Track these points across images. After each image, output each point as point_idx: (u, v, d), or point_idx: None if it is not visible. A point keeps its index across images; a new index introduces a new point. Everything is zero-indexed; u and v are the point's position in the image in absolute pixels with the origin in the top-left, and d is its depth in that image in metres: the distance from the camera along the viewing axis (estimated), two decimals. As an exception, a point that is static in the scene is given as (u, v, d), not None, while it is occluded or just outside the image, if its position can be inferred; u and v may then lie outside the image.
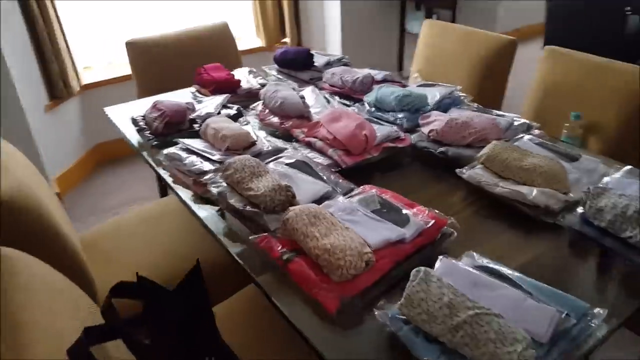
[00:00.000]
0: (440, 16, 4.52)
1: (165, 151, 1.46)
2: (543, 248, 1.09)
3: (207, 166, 1.35)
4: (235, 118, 1.64)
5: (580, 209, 1.13)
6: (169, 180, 1.40)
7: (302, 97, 1.70)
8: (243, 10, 3.71)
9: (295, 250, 1.04)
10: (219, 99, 1.74)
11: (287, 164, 1.33)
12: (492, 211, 1.22)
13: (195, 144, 1.45)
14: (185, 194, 1.33)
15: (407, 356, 0.82)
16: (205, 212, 1.25)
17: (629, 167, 1.24)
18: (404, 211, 1.11)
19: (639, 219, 1.01)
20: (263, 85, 1.95)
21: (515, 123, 1.51)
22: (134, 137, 1.67)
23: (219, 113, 1.65)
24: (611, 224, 1.04)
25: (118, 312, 0.77)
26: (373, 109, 1.71)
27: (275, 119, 1.65)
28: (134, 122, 1.71)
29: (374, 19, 3.68)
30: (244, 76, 2.03)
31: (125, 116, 1.80)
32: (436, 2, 3.98)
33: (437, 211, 1.11)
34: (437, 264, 0.95)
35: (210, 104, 1.71)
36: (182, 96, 1.93)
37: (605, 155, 1.46)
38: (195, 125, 1.59)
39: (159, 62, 2.40)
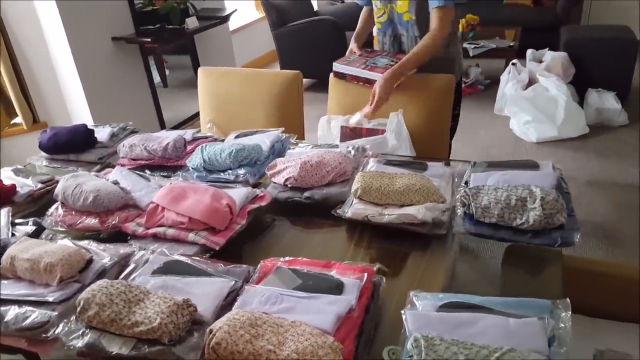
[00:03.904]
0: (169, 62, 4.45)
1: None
2: (452, 260, 1.11)
3: (41, 315, 0.95)
4: (36, 235, 1.22)
5: (459, 213, 1.19)
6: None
7: (117, 183, 1.38)
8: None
9: (241, 376, 0.80)
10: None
11: (156, 273, 1.04)
12: (384, 240, 1.20)
13: (6, 289, 1.01)
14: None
15: None
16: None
17: (472, 162, 1.37)
18: (330, 275, 0.98)
19: (523, 205, 1.10)
20: (45, 182, 1.53)
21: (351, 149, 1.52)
22: None
23: (13, 235, 1.19)
24: (501, 217, 1.11)
25: None
26: (203, 172, 1.50)
27: (93, 220, 1.29)
28: None
29: (119, 78, 3.33)
30: (10, 178, 1.55)
31: None
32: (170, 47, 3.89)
33: (362, 263, 1.02)
34: (408, 321, 0.85)
35: (-12, 227, 1.23)
36: None
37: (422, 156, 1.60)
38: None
39: None
